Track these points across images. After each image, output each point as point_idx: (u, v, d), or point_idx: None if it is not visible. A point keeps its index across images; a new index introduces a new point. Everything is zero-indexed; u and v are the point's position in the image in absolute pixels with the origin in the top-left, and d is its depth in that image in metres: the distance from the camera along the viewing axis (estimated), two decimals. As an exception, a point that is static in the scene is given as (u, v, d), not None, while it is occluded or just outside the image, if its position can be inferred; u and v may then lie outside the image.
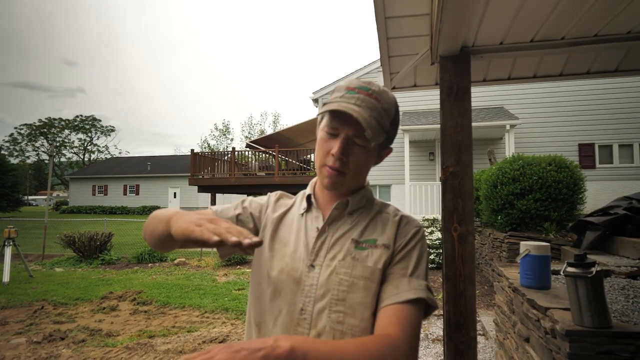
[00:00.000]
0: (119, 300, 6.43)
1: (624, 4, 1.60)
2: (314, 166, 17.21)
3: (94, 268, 9.43)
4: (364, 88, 0.84)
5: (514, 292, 2.98)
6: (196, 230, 0.65)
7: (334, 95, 0.87)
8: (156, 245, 0.86)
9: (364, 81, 0.87)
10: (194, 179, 15.40)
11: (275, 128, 45.90)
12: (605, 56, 2.12)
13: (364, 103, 0.82)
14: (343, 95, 0.84)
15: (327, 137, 0.86)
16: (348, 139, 0.84)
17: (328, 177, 0.86)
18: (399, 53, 2.31)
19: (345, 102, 0.82)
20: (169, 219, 0.77)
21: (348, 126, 0.83)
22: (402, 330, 0.76)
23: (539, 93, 11.35)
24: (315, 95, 13.81)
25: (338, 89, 0.88)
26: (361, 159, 0.86)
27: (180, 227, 0.69)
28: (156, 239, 0.84)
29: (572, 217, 5.38)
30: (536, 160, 5.53)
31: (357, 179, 0.89)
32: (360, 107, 0.81)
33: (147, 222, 0.88)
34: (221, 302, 6.20)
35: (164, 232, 0.79)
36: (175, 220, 0.73)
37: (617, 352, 1.88)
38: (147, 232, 0.88)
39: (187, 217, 0.71)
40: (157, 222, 0.83)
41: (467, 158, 1.97)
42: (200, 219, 0.68)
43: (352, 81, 0.88)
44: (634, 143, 10.95)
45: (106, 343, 4.58)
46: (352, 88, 0.85)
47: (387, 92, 0.88)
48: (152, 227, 0.85)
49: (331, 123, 0.85)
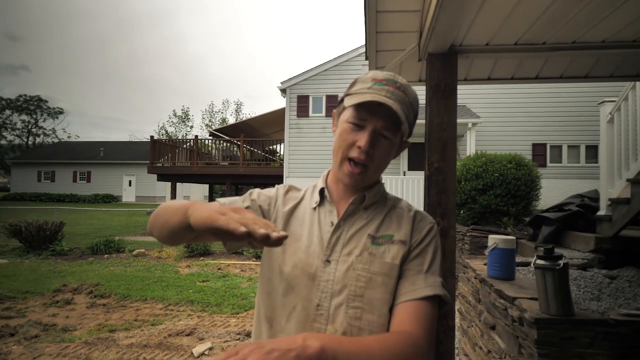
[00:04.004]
0: (74, 293, 6.11)
1: (604, 14, 1.72)
2: (280, 157, 16.85)
3: (44, 259, 8.87)
4: (392, 81, 0.83)
5: (481, 282, 3.13)
6: (221, 219, 0.61)
7: (358, 86, 0.85)
8: (168, 237, 0.81)
9: (388, 73, 0.86)
10: (153, 167, 14.82)
11: (237, 117, 45.03)
12: (578, 62, 2.26)
13: (394, 96, 0.81)
14: (371, 86, 0.82)
15: (351, 129, 0.84)
16: (375, 131, 0.83)
17: (349, 176, 0.85)
18: (387, 48, 2.33)
19: (375, 94, 0.80)
20: (186, 209, 0.72)
21: (377, 118, 0.82)
22: (420, 327, 0.76)
23: (499, 94, 11.90)
24: (283, 85, 13.65)
25: (362, 79, 0.86)
26: (385, 152, 0.85)
27: (202, 215, 0.65)
28: (169, 231, 0.79)
29: (528, 212, 5.72)
30: (498, 158, 5.81)
31: (378, 173, 0.89)
32: (391, 100, 0.80)
33: (157, 215, 0.83)
34: (185, 294, 6.05)
35: (180, 223, 0.75)
36: (195, 209, 0.69)
37: (579, 337, 2.03)
38: (157, 225, 0.83)
39: (208, 206, 0.67)
40: (170, 214, 0.78)
41: (452, 155, 2.03)
42: (223, 208, 0.64)
43: (377, 73, 0.86)
44: (580, 144, 11.78)
45: (62, 338, 4.34)
46: (380, 80, 0.83)
47: (410, 85, 0.88)
48: (164, 218, 0.80)
49: (358, 114, 0.83)
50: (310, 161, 13.33)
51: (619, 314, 2.07)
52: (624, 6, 1.76)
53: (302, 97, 13.58)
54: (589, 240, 3.69)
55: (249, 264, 8.35)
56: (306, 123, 13.53)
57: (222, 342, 4.15)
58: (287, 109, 13.68)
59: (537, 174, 5.75)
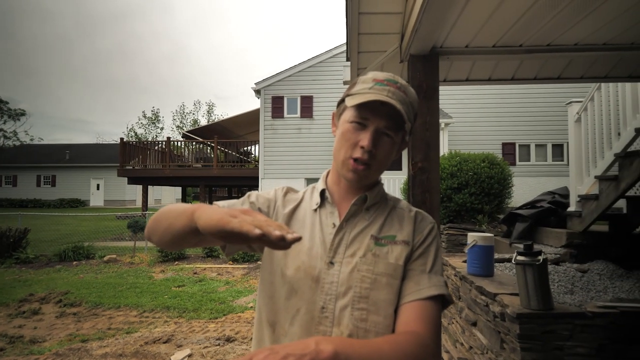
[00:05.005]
0: (42, 303, 5.82)
1: (577, 18, 1.78)
2: (255, 158, 16.70)
3: (7, 268, 8.42)
4: (392, 81, 0.83)
5: (462, 280, 3.20)
6: (233, 221, 0.58)
7: (359, 86, 0.85)
8: (171, 242, 0.78)
9: (389, 74, 0.86)
10: (123, 169, 14.38)
11: (209, 118, 44.34)
12: (551, 64, 2.34)
13: (395, 96, 0.81)
14: (372, 87, 0.82)
15: (353, 129, 0.84)
16: (378, 131, 0.83)
17: (353, 171, 0.85)
18: (368, 49, 2.34)
19: (377, 93, 0.80)
20: (192, 212, 0.70)
21: (380, 117, 0.82)
22: (427, 327, 0.77)
23: (470, 95, 12.25)
24: (257, 86, 13.54)
25: (362, 80, 0.86)
26: (387, 152, 0.85)
27: (212, 218, 0.62)
28: (173, 235, 0.76)
29: (501, 209, 5.89)
30: (472, 157, 5.96)
31: (379, 172, 0.89)
32: (394, 100, 0.80)
33: (159, 218, 0.80)
34: (161, 300, 5.88)
35: (185, 227, 0.72)
36: (203, 212, 0.67)
37: (559, 331, 2.10)
38: (158, 229, 0.80)
39: (216, 209, 0.65)
40: (174, 217, 0.75)
41: (435, 154, 2.06)
42: (233, 210, 0.62)
43: (377, 73, 0.86)
44: (547, 143, 12.28)
45: (31, 350, 4.13)
46: (381, 80, 0.83)
47: (410, 86, 0.88)
48: (167, 222, 0.77)
49: (360, 114, 0.83)
50: (285, 162, 13.28)
51: (595, 306, 2.16)
52: (596, 11, 1.84)
53: (277, 98, 13.51)
54: (561, 236, 3.83)
55: (225, 268, 8.22)
56: (281, 124, 13.47)
57: (201, 348, 4.05)
58: (262, 110, 13.58)
59: (509, 173, 5.94)
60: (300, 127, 13.34)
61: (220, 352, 3.95)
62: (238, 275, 7.56)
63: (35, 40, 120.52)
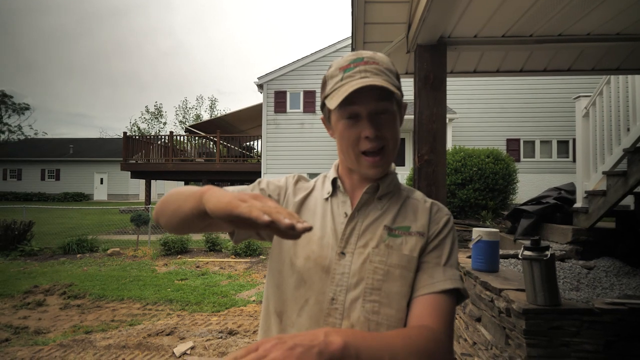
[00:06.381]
0: (46, 295, 5.85)
1: (591, 7, 1.73)
2: (257, 153, 16.72)
3: (12, 260, 8.46)
4: (357, 59, 0.80)
5: (466, 275, 3.17)
6: (242, 206, 0.56)
7: (331, 83, 0.82)
8: (178, 224, 0.76)
9: (351, 54, 0.83)
10: (126, 164, 14.40)
11: (212, 113, 44.25)
12: (562, 55, 2.29)
13: (368, 72, 0.78)
14: (342, 77, 0.79)
15: (349, 124, 0.81)
16: (372, 114, 0.80)
17: (373, 166, 0.82)
18: (374, 39, 2.30)
19: (350, 82, 0.77)
20: (201, 195, 0.68)
21: (366, 102, 0.79)
22: (440, 322, 0.74)
23: (474, 90, 12.13)
24: (260, 81, 13.49)
25: (330, 75, 0.83)
26: (392, 126, 0.82)
27: (221, 202, 0.60)
28: (181, 218, 0.74)
29: (505, 205, 5.84)
30: (476, 152, 5.90)
31: (395, 150, 0.85)
32: (369, 77, 0.77)
33: (167, 200, 0.78)
34: (164, 293, 5.88)
35: (193, 209, 0.70)
36: (212, 194, 0.65)
37: (566, 327, 2.07)
38: (166, 212, 0.78)
39: (226, 192, 0.63)
40: (183, 200, 0.73)
41: (441, 147, 2.02)
42: (243, 194, 0.60)
43: (339, 62, 0.83)
44: (552, 140, 12.17)
45: (35, 341, 4.14)
46: (347, 65, 0.80)
47: (378, 53, 0.84)
48: (175, 205, 0.75)
49: (346, 109, 0.80)
50: (288, 157, 13.24)
51: (603, 302, 2.13)
52: (609, -1, 1.79)
53: (280, 93, 13.46)
54: (567, 232, 3.79)
55: (227, 262, 8.22)
56: (284, 119, 13.42)
57: (204, 341, 4.05)
58: (265, 104, 13.53)
59: (514, 168, 5.88)
60: (303, 122, 13.29)
61: (222, 345, 3.95)
62: (240, 269, 7.56)
63: (36, 34, 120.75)
